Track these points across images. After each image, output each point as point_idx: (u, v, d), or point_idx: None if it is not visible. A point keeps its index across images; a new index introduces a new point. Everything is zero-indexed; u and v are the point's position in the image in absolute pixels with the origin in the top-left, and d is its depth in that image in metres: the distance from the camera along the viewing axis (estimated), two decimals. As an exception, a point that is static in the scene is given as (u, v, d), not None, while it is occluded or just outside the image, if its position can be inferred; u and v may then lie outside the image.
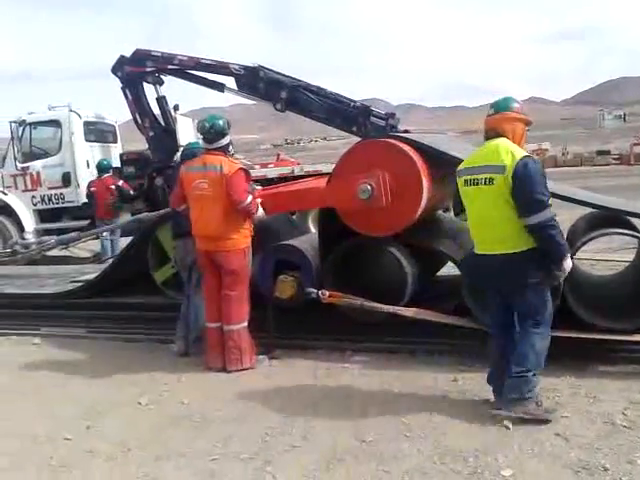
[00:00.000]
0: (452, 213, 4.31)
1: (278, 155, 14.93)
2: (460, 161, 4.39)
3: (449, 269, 5.40)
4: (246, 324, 4.48)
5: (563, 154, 28.31)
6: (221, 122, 4.47)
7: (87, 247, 10.19)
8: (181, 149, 9.48)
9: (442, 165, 4.50)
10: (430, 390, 3.86)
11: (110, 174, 9.77)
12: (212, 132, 4.43)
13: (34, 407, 4.09)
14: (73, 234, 7.33)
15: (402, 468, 2.94)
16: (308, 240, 5.32)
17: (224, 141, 4.48)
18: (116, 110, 11.86)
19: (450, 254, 4.55)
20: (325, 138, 67.39)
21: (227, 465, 3.09)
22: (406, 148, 4.29)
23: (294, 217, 7.71)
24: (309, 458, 3.10)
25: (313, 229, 8.59)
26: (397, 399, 3.77)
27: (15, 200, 10.26)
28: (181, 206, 4.65)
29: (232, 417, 3.68)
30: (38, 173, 10.17)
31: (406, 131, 7.55)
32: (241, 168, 4.48)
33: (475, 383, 3.89)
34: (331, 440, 3.28)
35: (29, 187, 10.23)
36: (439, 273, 5.63)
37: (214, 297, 4.51)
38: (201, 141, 4.60)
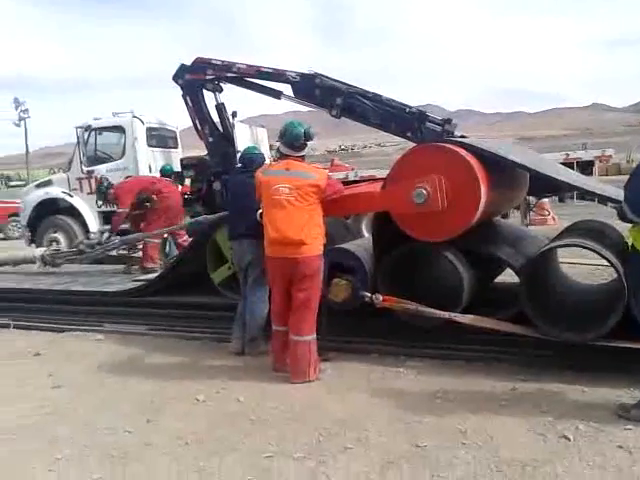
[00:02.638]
0: (511, 219, 4.24)
1: (332, 161, 15.02)
2: (521, 166, 4.33)
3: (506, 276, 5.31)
4: (315, 335, 4.42)
5: (627, 161, 27.32)
6: (312, 130, 4.46)
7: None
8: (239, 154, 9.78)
9: (501, 170, 4.44)
10: (487, 398, 3.80)
11: (170, 179, 10.07)
12: (304, 139, 4.43)
13: (97, 400, 4.25)
14: (136, 234, 7.56)
15: (457, 475, 2.91)
16: (362, 244, 5.33)
17: (307, 149, 4.52)
18: (176, 117, 12.20)
19: (508, 260, 4.46)
20: (379, 144, 67.28)
21: (281, 463, 3.12)
22: (463, 152, 4.24)
23: (348, 221, 7.74)
24: (363, 461, 3.10)
25: (366, 233, 8.60)
26: (453, 406, 3.72)
27: (80, 202, 10.68)
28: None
29: (286, 417, 3.72)
30: (102, 177, 10.54)
31: (463, 137, 7.46)
32: (327, 174, 4.56)
33: (535, 393, 3.82)
34: (385, 444, 3.28)
35: (94, 190, 10.61)
36: (497, 280, 5.52)
37: (283, 303, 4.47)
38: (283, 146, 4.51)
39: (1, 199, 20.08)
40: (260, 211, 4.66)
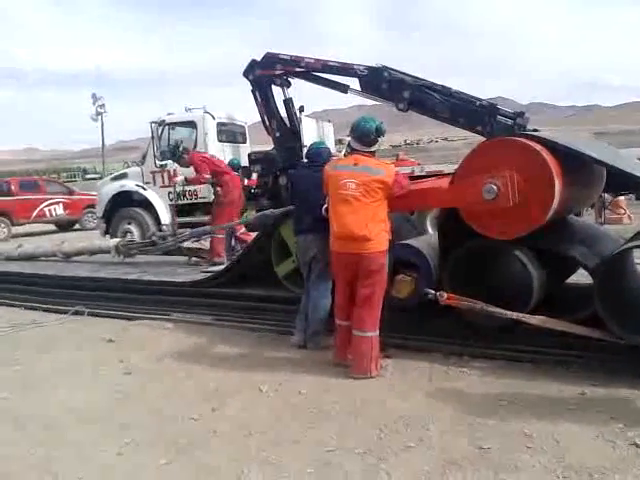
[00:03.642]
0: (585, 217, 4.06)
1: (398, 155, 14.87)
2: (597, 161, 4.14)
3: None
4: (378, 332, 4.40)
5: None
6: (383, 126, 4.43)
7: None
8: (305, 149, 9.84)
9: (576, 166, 4.27)
10: (555, 402, 3.67)
11: (238, 173, 10.27)
12: (374, 135, 4.40)
13: (164, 387, 4.40)
14: (206, 227, 7.76)
15: (521, 479, 2.83)
16: (427, 240, 5.26)
17: (377, 145, 4.50)
18: (245, 112, 12.38)
19: (582, 260, 4.29)
20: (446, 139, 66.09)
21: (342, 457, 3.14)
22: (538, 147, 4.10)
23: (413, 217, 7.66)
24: (424, 460, 3.07)
25: (431, 230, 8.47)
26: (518, 408, 3.62)
27: (153, 195, 11.03)
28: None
29: (347, 411, 3.74)
30: (175, 170, 10.85)
31: (535, 130, 7.21)
32: (395, 170, 4.51)
33: (605, 398, 3.66)
34: (447, 444, 3.23)
35: (166, 183, 10.95)
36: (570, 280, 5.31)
37: (347, 298, 4.48)
38: (353, 141, 4.50)
39: (79, 192, 21.04)
40: (325, 206, 4.68)
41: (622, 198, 11.42)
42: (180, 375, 4.63)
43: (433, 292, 4.42)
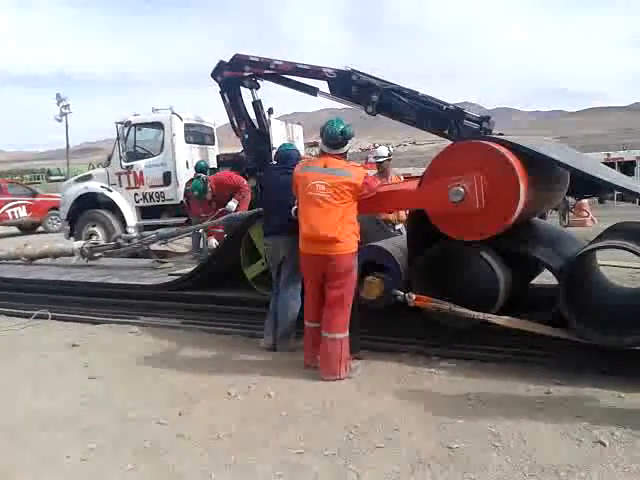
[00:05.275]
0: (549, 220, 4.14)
1: (367, 159, 14.95)
2: (562, 164, 4.23)
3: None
4: (348, 333, 4.40)
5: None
6: (350, 129, 4.43)
7: (183, 242, 10.62)
8: (274, 151, 9.81)
9: (541, 169, 4.35)
10: (521, 401, 3.73)
11: (205, 175, 10.16)
12: (341, 137, 4.40)
13: (130, 392, 4.33)
14: (172, 230, 7.68)
15: (489, 478, 2.87)
16: (396, 242, 5.29)
17: (347, 147, 4.49)
18: (213, 114, 12.29)
19: (546, 261, 4.37)
20: (414, 142, 66.80)
21: (311, 459, 3.13)
22: (503, 150, 4.16)
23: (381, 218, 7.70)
24: (393, 460, 3.08)
25: (403, 231, 8.53)
26: (486, 408, 3.66)
27: (119, 197, 10.86)
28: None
29: (316, 413, 3.73)
30: (141, 172, 10.71)
31: (501, 134, 7.33)
32: (365, 173, 4.51)
33: (570, 397, 3.73)
34: (416, 444, 3.25)
35: (132, 185, 10.78)
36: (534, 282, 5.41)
37: (316, 300, 4.48)
38: (322, 144, 4.51)
39: (42, 193, 20.58)
40: (295, 207, 4.67)
41: (585, 201, 11.69)
42: (146, 379, 4.55)
43: (402, 293, 4.45)
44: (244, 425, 3.60)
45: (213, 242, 8.26)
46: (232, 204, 8.49)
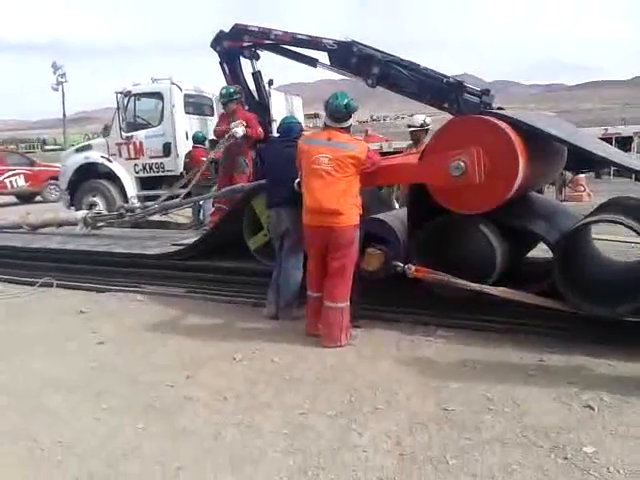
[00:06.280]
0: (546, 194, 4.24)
1: (366, 131, 14.95)
2: (560, 140, 4.32)
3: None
4: (349, 303, 4.54)
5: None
6: (354, 103, 4.50)
7: (184, 214, 10.70)
8: (275, 123, 9.84)
9: (539, 144, 4.45)
10: (515, 368, 3.90)
11: (204, 146, 10.22)
12: (344, 111, 4.47)
13: (138, 357, 4.47)
14: (175, 200, 7.74)
15: (483, 438, 3.03)
16: (396, 215, 5.41)
17: (350, 121, 4.58)
18: (212, 84, 12.25)
19: (543, 235, 4.50)
20: (412, 115, 66.38)
21: (315, 420, 3.29)
22: (503, 125, 4.25)
23: (382, 192, 7.82)
24: (393, 421, 3.25)
25: (397, 205, 8.62)
26: (481, 374, 3.83)
27: (119, 167, 10.91)
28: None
29: (319, 378, 3.89)
30: (141, 143, 10.73)
31: (500, 109, 7.39)
32: (367, 146, 4.65)
33: (562, 364, 3.90)
34: (414, 406, 3.42)
35: (132, 155, 10.81)
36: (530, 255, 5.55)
37: (318, 270, 4.59)
38: (326, 118, 4.59)
39: (39, 163, 20.53)
40: (298, 180, 4.76)
41: (582, 176, 11.78)
42: (153, 345, 4.70)
43: (402, 265, 4.58)
44: (250, 388, 3.77)
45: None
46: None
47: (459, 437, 3.04)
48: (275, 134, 9.05)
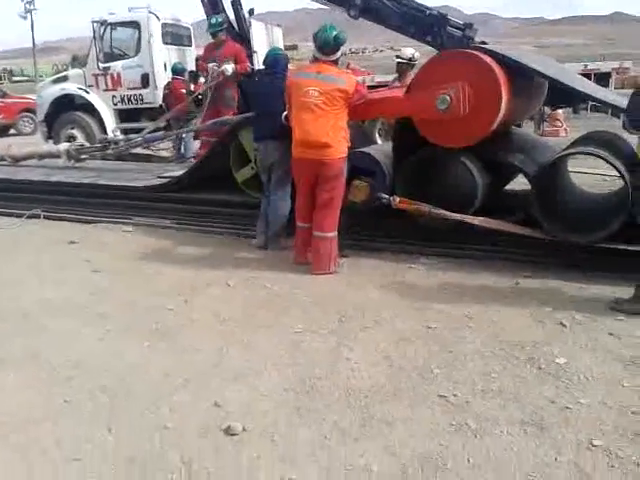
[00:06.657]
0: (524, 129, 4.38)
1: (348, 64, 14.75)
2: (543, 75, 4.46)
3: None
4: (336, 233, 4.72)
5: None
6: (343, 35, 4.53)
7: (166, 147, 10.66)
8: (256, 55, 9.70)
9: (522, 79, 4.58)
10: (492, 290, 4.19)
11: (183, 78, 10.07)
12: (334, 44, 4.51)
13: (135, 283, 4.65)
14: (158, 133, 7.73)
15: (464, 351, 3.32)
16: (382, 149, 5.54)
17: (339, 54, 4.62)
18: (186, 11, 11.94)
19: (522, 167, 4.70)
20: (391, 48, 65.06)
21: (309, 337, 3.55)
22: (488, 60, 4.37)
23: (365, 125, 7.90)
24: (380, 337, 3.52)
25: (379, 140, 8.72)
26: (460, 296, 4.11)
27: (97, 99, 10.70)
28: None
29: (310, 301, 4.13)
30: (118, 74, 10.50)
31: (483, 43, 7.41)
32: (356, 80, 4.73)
33: (537, 287, 4.20)
34: (399, 325, 3.69)
35: (110, 87, 10.59)
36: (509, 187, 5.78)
37: (307, 202, 4.75)
38: (315, 50, 4.62)
39: (12, 95, 19.89)
40: (286, 113, 4.84)
41: (560, 111, 11.92)
42: (148, 272, 4.88)
43: (387, 197, 4.77)
44: (246, 310, 4.00)
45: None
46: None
47: (442, 350, 3.33)
48: (258, 66, 8.98)
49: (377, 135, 9.69)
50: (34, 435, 2.66)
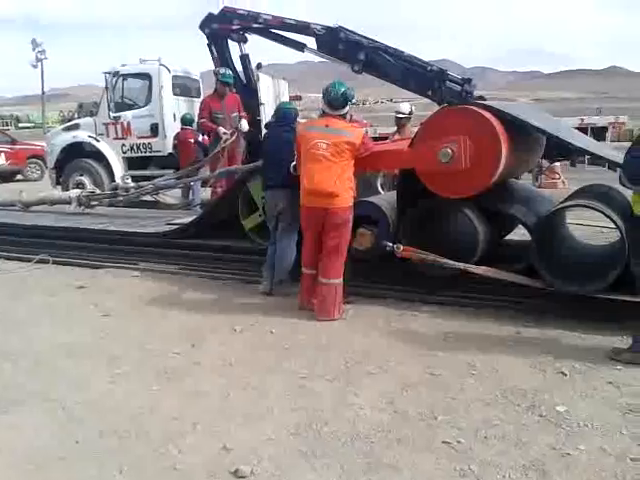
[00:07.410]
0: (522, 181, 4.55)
1: (351, 116, 15.15)
2: (542, 131, 4.67)
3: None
4: (341, 279, 4.85)
5: (641, 128, 27.15)
6: (350, 92, 4.80)
7: (173, 194, 10.86)
8: (263, 106, 10.03)
9: (521, 134, 4.78)
10: (494, 339, 4.26)
11: (192, 128, 10.38)
12: (341, 99, 4.78)
13: (143, 328, 4.74)
14: (170, 181, 7.94)
15: (467, 398, 3.38)
16: (386, 198, 5.72)
17: (347, 108, 4.88)
18: (196, 63, 12.33)
19: (522, 218, 4.86)
20: (391, 100, 66.54)
21: (314, 382, 3.61)
22: (488, 115, 4.58)
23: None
24: (385, 384, 3.59)
25: (381, 190, 8.91)
26: (463, 344, 4.19)
27: (107, 147, 10.98)
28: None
29: (315, 346, 4.21)
30: (129, 123, 10.80)
31: (481, 97, 7.69)
32: (363, 133, 4.96)
33: (537, 336, 4.29)
34: (404, 371, 3.76)
35: (120, 136, 10.88)
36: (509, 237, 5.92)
37: (314, 248, 4.90)
38: (324, 105, 4.86)
39: (21, 141, 20.33)
40: (294, 163, 5.05)
41: (558, 164, 12.20)
42: (156, 317, 4.97)
43: (391, 244, 4.90)
44: (252, 354, 4.08)
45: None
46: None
47: (445, 397, 3.39)
48: (265, 118, 9.33)
49: (379, 185, 9.92)
50: (47, 476, 2.71)
